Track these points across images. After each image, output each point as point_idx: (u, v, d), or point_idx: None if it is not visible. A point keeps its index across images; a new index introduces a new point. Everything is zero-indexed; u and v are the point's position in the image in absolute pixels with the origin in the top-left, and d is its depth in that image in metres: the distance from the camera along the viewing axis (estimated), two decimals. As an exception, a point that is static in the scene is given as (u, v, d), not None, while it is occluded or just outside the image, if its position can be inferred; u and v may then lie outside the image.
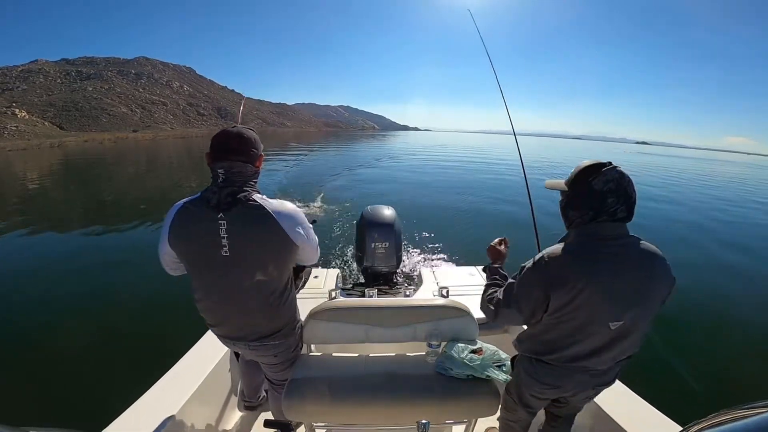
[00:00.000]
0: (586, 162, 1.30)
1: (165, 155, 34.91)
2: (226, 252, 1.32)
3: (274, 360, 1.64)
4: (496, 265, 1.61)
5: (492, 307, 1.41)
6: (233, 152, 1.34)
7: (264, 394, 2.12)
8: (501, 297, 1.38)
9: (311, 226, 1.50)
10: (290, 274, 1.53)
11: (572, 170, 1.35)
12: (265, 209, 1.32)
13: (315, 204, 10.02)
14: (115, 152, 37.98)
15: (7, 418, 0.76)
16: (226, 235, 1.31)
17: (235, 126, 1.42)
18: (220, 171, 1.32)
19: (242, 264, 1.36)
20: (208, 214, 1.31)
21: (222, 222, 1.30)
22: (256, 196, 1.36)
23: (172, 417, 1.57)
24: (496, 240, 1.73)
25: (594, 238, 1.23)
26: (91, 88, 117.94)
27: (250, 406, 2.12)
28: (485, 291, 1.51)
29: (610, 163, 1.27)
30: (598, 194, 1.22)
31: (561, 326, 1.29)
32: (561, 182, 1.39)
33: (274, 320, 1.51)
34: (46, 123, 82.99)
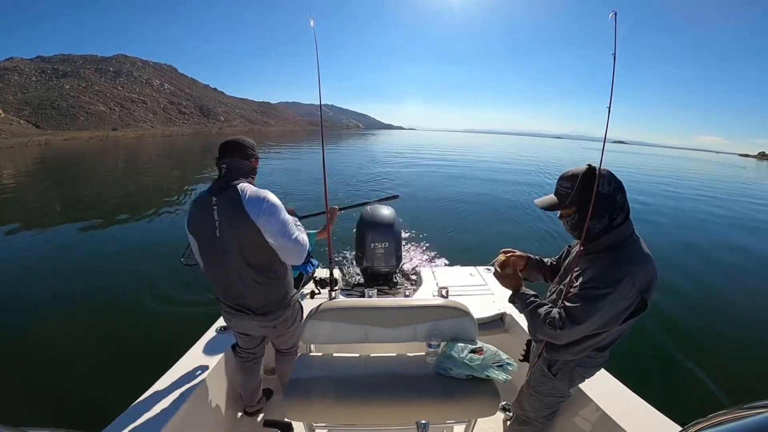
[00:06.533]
0: (574, 170, 1.32)
1: (165, 153, 34.43)
2: (218, 233, 1.55)
3: (274, 332, 1.84)
4: (525, 291, 1.48)
5: (557, 329, 1.29)
6: (232, 151, 1.65)
7: (262, 396, 2.15)
8: (569, 316, 1.28)
9: (289, 219, 1.63)
10: (277, 256, 1.66)
11: (561, 183, 1.34)
12: (239, 193, 1.55)
13: (314, 204, 9.88)
14: (106, 150, 37.16)
15: (6, 418, 0.76)
16: (218, 218, 1.55)
17: (236, 136, 1.72)
18: (222, 165, 1.62)
19: (228, 243, 1.57)
20: (208, 200, 1.56)
21: (215, 206, 1.55)
22: (244, 185, 1.58)
23: (171, 417, 1.57)
24: (501, 263, 1.59)
25: (635, 238, 1.30)
26: (68, 86, 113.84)
27: (250, 411, 2.14)
28: (534, 314, 1.38)
29: (590, 165, 1.31)
30: (609, 197, 1.26)
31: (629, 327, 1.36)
32: (551, 198, 1.37)
33: (263, 296, 1.70)
34: (22, 122, 79.89)
